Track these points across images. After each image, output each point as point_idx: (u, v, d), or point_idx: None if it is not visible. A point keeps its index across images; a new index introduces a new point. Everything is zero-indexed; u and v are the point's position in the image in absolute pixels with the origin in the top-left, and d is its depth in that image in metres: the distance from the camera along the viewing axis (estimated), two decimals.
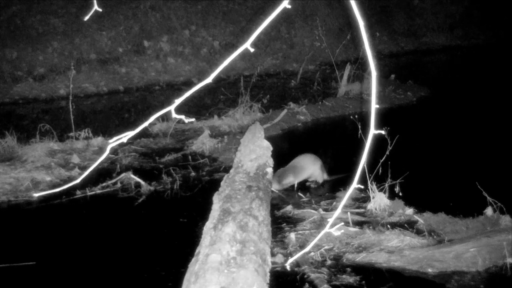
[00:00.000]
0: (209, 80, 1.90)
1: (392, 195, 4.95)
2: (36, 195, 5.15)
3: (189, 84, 11.09)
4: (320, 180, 5.59)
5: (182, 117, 1.92)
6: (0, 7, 11.59)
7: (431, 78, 11.69)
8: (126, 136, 1.90)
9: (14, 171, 5.96)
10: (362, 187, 4.63)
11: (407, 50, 15.54)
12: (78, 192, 5.43)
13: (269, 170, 5.07)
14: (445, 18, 16.61)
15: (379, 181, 4.98)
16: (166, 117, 7.81)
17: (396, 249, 4.04)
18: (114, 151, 6.60)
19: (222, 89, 9.98)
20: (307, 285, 3.62)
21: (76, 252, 4.32)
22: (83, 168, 6.12)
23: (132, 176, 5.72)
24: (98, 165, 5.43)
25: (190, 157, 6.54)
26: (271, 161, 5.25)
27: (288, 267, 3.85)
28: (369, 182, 4.86)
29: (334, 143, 7.44)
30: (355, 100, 9.22)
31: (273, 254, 3.91)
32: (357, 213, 4.80)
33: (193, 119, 2.04)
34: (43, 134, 7.01)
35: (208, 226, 3.79)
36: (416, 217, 4.63)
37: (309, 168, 5.51)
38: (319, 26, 11.30)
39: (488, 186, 4.56)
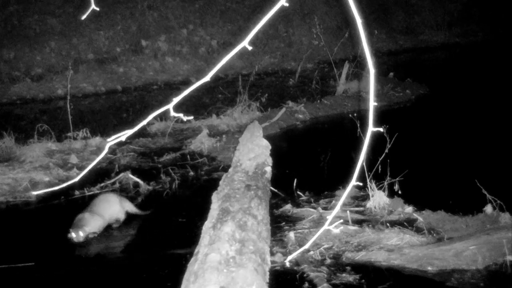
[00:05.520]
0: (207, 78, 1.90)
1: (391, 193, 4.94)
2: (35, 193, 5.14)
3: (187, 83, 11.06)
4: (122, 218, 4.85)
5: (181, 115, 1.91)
6: None
7: (430, 76, 11.66)
8: (125, 135, 1.89)
9: (12, 171, 5.95)
10: (361, 184, 4.62)
11: (405, 48, 15.52)
12: (76, 192, 5.42)
13: (268, 169, 5.05)
14: (443, 15, 16.60)
15: (378, 179, 4.97)
16: (164, 117, 7.80)
17: (395, 247, 4.04)
18: (112, 151, 6.59)
19: (220, 88, 9.97)
20: (306, 284, 3.61)
21: (74, 253, 4.31)
22: (81, 168, 6.09)
23: (131, 176, 5.71)
24: (96, 165, 5.43)
25: (188, 156, 6.52)
26: (270, 160, 5.24)
27: (287, 264, 3.85)
28: (368, 180, 4.85)
29: (333, 141, 7.43)
30: (354, 98, 9.21)
31: (272, 253, 3.90)
32: (357, 212, 4.79)
33: (191, 117, 2.04)
34: (41, 134, 6.99)
35: (207, 225, 3.78)
36: (415, 215, 4.62)
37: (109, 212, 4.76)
38: (317, 24, 11.26)
39: (487, 184, 4.55)
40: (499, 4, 15.65)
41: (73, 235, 4.38)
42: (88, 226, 4.45)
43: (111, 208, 4.70)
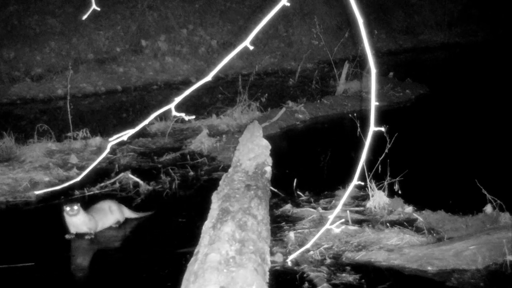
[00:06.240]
0: (208, 78, 1.90)
1: (391, 193, 4.94)
2: (36, 192, 5.14)
3: (187, 83, 11.07)
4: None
5: (182, 114, 1.91)
6: None
7: (430, 75, 11.68)
8: (126, 134, 1.89)
9: (12, 171, 5.95)
10: (362, 183, 4.62)
11: (405, 47, 15.55)
12: (76, 192, 5.42)
13: (268, 169, 5.05)
14: (443, 15, 16.61)
15: (378, 179, 4.97)
16: (164, 117, 7.80)
17: (395, 247, 4.04)
18: (112, 151, 6.59)
19: (220, 88, 9.97)
20: (306, 284, 3.61)
21: (74, 252, 4.31)
22: (81, 168, 6.10)
23: (131, 175, 5.71)
24: (96, 165, 5.41)
25: (188, 156, 6.52)
26: (269, 160, 5.24)
27: (289, 263, 3.85)
28: (368, 180, 4.85)
29: (333, 141, 7.43)
30: (354, 98, 9.22)
31: (272, 253, 3.90)
32: (357, 212, 4.79)
33: (193, 117, 2.04)
34: (41, 134, 7.00)
35: (207, 225, 3.78)
36: (415, 215, 4.62)
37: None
38: (317, 24, 11.27)
39: (487, 184, 4.56)
40: (499, 4, 15.66)
41: (67, 208, 4.41)
42: (82, 212, 4.47)
43: (107, 217, 4.70)
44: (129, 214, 4.87)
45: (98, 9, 2.18)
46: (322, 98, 9.14)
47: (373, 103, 1.74)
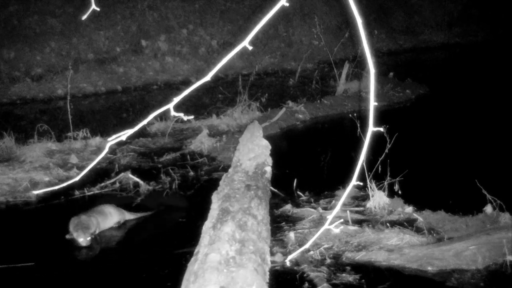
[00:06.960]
0: (207, 78, 1.90)
1: (391, 193, 4.94)
2: (35, 192, 5.15)
3: (187, 83, 11.07)
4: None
5: (181, 115, 1.91)
6: None
7: (430, 75, 11.68)
8: (125, 134, 1.90)
9: (12, 171, 5.95)
10: (361, 184, 4.62)
11: (405, 47, 15.54)
12: (76, 192, 5.41)
13: (268, 169, 5.06)
14: (443, 15, 16.61)
15: (378, 179, 4.97)
16: (164, 117, 7.80)
17: (395, 248, 4.04)
18: (112, 151, 6.60)
19: (220, 88, 9.97)
20: (306, 284, 3.61)
21: (74, 252, 4.31)
22: (81, 168, 6.09)
23: (131, 176, 5.71)
24: (96, 165, 5.42)
25: (188, 156, 6.52)
26: (269, 160, 5.24)
27: (288, 263, 3.85)
28: (368, 180, 4.85)
29: (333, 141, 7.44)
30: (354, 98, 9.22)
31: (272, 253, 3.90)
32: (357, 212, 4.79)
33: (191, 117, 2.04)
34: (41, 134, 7.00)
35: (207, 225, 3.78)
36: (415, 215, 4.62)
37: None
38: (317, 24, 11.28)
39: (487, 184, 4.56)
40: (499, 4, 15.66)
41: (80, 240, 4.36)
42: (92, 228, 4.46)
43: (107, 220, 4.70)
44: (129, 216, 4.88)
45: (98, 9, 2.19)
46: (322, 98, 9.14)
47: (372, 104, 1.75)
